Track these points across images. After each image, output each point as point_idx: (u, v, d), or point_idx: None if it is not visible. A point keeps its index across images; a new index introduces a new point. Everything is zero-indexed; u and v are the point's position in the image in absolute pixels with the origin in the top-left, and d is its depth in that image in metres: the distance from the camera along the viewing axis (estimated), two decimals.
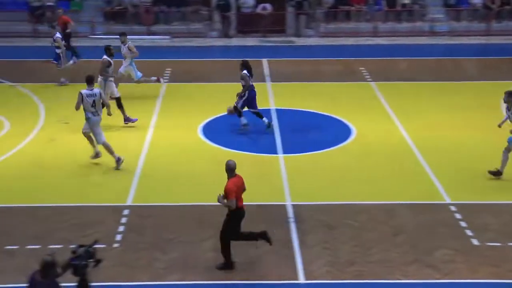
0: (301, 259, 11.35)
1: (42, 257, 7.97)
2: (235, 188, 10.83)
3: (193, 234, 12.13)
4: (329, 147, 16.18)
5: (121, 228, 12.34)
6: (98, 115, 14.69)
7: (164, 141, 16.54)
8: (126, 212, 12.97)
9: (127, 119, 17.32)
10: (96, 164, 15.14)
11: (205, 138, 16.70)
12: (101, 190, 14.02)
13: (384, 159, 15.55)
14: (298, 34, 28.39)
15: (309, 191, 13.91)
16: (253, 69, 17.49)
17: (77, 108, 14.67)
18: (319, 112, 18.58)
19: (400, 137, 16.76)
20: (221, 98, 19.80)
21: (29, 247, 11.66)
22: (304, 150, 15.99)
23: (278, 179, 14.47)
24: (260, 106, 18.97)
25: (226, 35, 28.11)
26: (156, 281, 10.76)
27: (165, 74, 22.18)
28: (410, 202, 13.43)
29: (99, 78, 17.29)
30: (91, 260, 8.50)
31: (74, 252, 8.46)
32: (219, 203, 10.93)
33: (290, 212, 12.97)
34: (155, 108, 18.87)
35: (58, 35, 20.85)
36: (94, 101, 14.52)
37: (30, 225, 12.42)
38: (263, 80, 21.72)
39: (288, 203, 13.38)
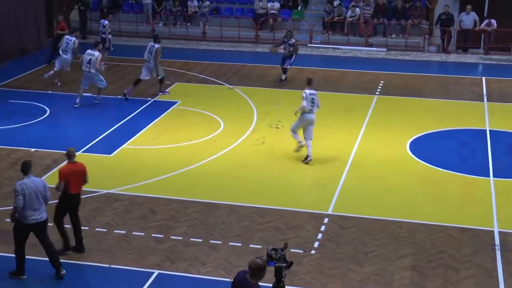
0: None
1: (256, 260, 8.09)
2: (68, 173, 11.38)
3: (390, 250, 11.91)
4: None
5: (319, 236, 12.42)
6: (312, 112, 15.60)
7: (371, 153, 16.40)
8: (326, 220, 13.04)
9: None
10: (301, 170, 15.40)
11: (413, 154, 16.32)
12: (302, 196, 14.22)
13: None
14: None
15: None
16: (472, 87, 16.60)
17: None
18: None
19: None
20: (434, 114, 19.30)
21: (231, 244, 12.13)
22: None
23: (487, 203, 13.76)
24: (475, 125, 18.29)
25: (445, 50, 27.31)
26: None
27: (378, 87, 22.02)
28: None
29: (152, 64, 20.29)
30: (284, 262, 8.63)
31: (269, 255, 8.63)
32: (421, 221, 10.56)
33: (497, 239, 12.27)
34: (365, 119, 18.78)
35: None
36: (313, 99, 15.63)
37: (233, 223, 12.90)
38: (480, 99, 20.79)
39: (496, 229, 12.67)
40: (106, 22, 24.70)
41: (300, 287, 10.77)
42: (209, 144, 16.91)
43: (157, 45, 20.44)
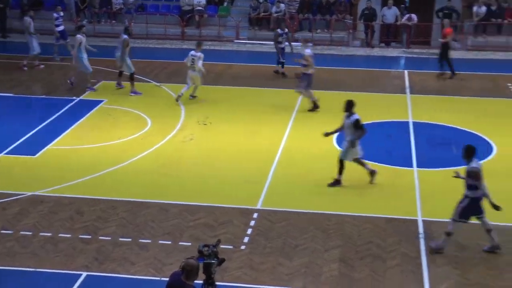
0: (428, 278, 11.01)
1: (189, 261, 8.05)
2: None
3: (319, 243, 12.08)
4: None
5: (249, 231, 12.50)
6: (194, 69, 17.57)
7: (298, 148, 16.59)
8: (255, 215, 13.13)
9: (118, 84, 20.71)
10: (229, 166, 15.45)
11: (340, 148, 16.55)
12: (232, 192, 14.27)
13: None
14: None
15: (443, 208, 13.38)
16: (395, 80, 17.07)
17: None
18: (459, 128, 17.95)
19: None
20: (359, 107, 19.59)
21: (160, 242, 12.07)
22: (440, 166, 15.50)
23: (411, 193, 14.12)
24: (398, 117, 18.74)
25: (368, 44, 27.84)
26: (279, 286, 10.79)
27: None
28: None
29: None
30: (215, 259, 8.66)
31: (200, 251, 8.65)
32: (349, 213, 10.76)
33: (421, 228, 12.61)
34: (292, 115, 18.97)
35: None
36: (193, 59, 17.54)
37: (162, 221, 12.84)
38: (403, 92, 21.30)
39: (420, 218, 13.02)
40: (55, 14, 24.71)
41: (230, 282, 10.81)
42: (137, 143, 16.77)
43: (124, 36, 20.21)
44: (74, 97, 20.19)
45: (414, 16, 27.65)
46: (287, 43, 22.89)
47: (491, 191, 14.33)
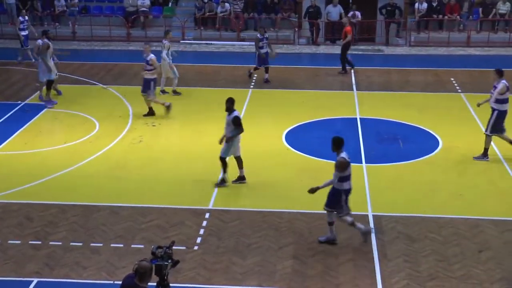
0: (381, 271, 11.18)
1: (142, 263, 8.03)
2: None
3: (271, 241, 12.15)
4: (415, 158, 15.88)
5: (201, 231, 12.48)
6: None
7: (248, 146, 16.56)
8: (207, 215, 13.12)
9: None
10: (179, 166, 15.41)
11: (289, 145, 16.71)
12: (183, 193, 14.22)
13: (472, 173, 15.15)
14: (387, 43, 28.07)
15: (392, 203, 13.70)
16: (342, 77, 17.23)
17: None
18: (406, 123, 18.27)
19: (490, 150, 16.24)
20: (307, 105, 19.84)
21: (112, 245, 11.96)
22: (388, 161, 15.76)
23: (360, 189, 14.30)
24: (346, 114, 18.96)
25: (314, 42, 28.09)
26: (233, 286, 10.82)
27: (252, 81, 22.34)
28: (498, 218, 12.99)
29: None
30: (169, 261, 8.64)
31: (153, 253, 8.62)
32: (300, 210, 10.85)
33: (371, 223, 12.79)
34: (241, 113, 18.94)
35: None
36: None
37: (114, 224, 12.73)
38: (350, 89, 21.56)
39: (370, 213, 13.21)
40: (21, 18, 24.22)
41: (184, 283, 10.79)
42: (85, 146, 16.57)
43: (39, 41, 19.79)
44: (19, 101, 19.82)
45: (358, 13, 28.01)
46: (268, 49, 22.03)
47: (439, 184, 14.70)
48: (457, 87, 21.66)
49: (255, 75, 22.38)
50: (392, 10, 27.97)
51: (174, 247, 8.84)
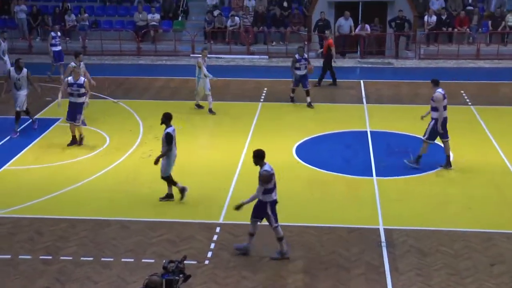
0: (392, 285, 11.12)
1: (152, 277, 8.04)
2: None
3: None
4: (426, 171, 15.82)
5: (212, 245, 12.46)
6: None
7: None
8: (218, 229, 13.10)
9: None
10: (190, 181, 15.39)
11: (299, 159, 16.69)
12: (193, 207, 14.20)
13: (483, 185, 15.07)
14: (397, 56, 28.07)
15: (403, 216, 13.64)
16: (352, 90, 17.23)
17: None
18: (416, 136, 18.20)
19: (501, 163, 16.21)
20: (317, 118, 19.82)
21: (123, 260, 11.95)
22: (399, 174, 15.70)
23: (371, 202, 14.25)
24: (356, 127, 18.94)
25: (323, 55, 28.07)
26: None
27: (262, 94, 22.36)
28: (510, 231, 12.90)
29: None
30: (180, 275, 8.62)
31: (165, 267, 8.60)
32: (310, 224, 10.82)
33: (383, 236, 12.73)
34: (251, 127, 19.02)
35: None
36: None
37: (125, 239, 12.72)
38: (360, 102, 21.54)
39: (381, 227, 13.15)
40: (53, 33, 24.10)
41: None
42: (95, 160, 16.60)
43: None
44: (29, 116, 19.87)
45: (367, 26, 28.05)
46: (305, 71, 20.74)
47: (450, 196, 14.62)
48: (467, 100, 21.60)
49: (292, 95, 21.45)
50: (401, 23, 27.97)
51: (184, 262, 8.82)
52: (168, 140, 13.78)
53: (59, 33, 24.72)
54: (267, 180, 11.59)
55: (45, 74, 23.98)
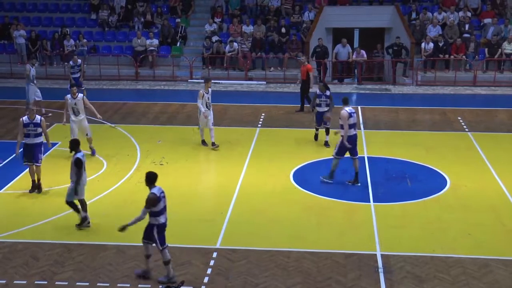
0: None
1: None
2: None
3: (279, 281, 12.04)
4: (423, 197, 15.81)
5: (209, 271, 12.40)
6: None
7: (256, 185, 16.61)
8: (214, 254, 13.04)
9: None
10: (187, 205, 15.38)
11: (296, 184, 16.68)
12: (190, 232, 14.16)
13: (480, 212, 15.04)
14: (394, 82, 28.19)
15: (400, 242, 13.59)
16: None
17: None
18: (413, 162, 18.24)
19: (498, 189, 16.20)
20: (314, 143, 19.83)
21: (119, 285, 11.88)
22: (396, 200, 15.68)
23: (368, 227, 14.22)
24: None
25: (321, 81, 28.19)
26: None
27: (260, 119, 22.41)
28: (507, 258, 12.86)
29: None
30: None
31: None
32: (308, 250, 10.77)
33: (380, 262, 12.68)
34: (248, 152, 19.03)
35: None
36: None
37: (120, 264, 12.66)
38: (357, 128, 21.52)
39: (378, 252, 13.11)
40: (72, 63, 24.17)
41: None
42: (92, 185, 16.54)
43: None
44: None
45: (363, 52, 28.23)
46: (326, 108, 19.57)
47: (447, 222, 14.61)
48: (464, 126, 21.65)
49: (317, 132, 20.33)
50: (398, 50, 28.16)
51: (181, 287, 8.79)
52: (78, 164, 13.93)
53: (80, 61, 24.65)
54: (152, 203, 11.63)
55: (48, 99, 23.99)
